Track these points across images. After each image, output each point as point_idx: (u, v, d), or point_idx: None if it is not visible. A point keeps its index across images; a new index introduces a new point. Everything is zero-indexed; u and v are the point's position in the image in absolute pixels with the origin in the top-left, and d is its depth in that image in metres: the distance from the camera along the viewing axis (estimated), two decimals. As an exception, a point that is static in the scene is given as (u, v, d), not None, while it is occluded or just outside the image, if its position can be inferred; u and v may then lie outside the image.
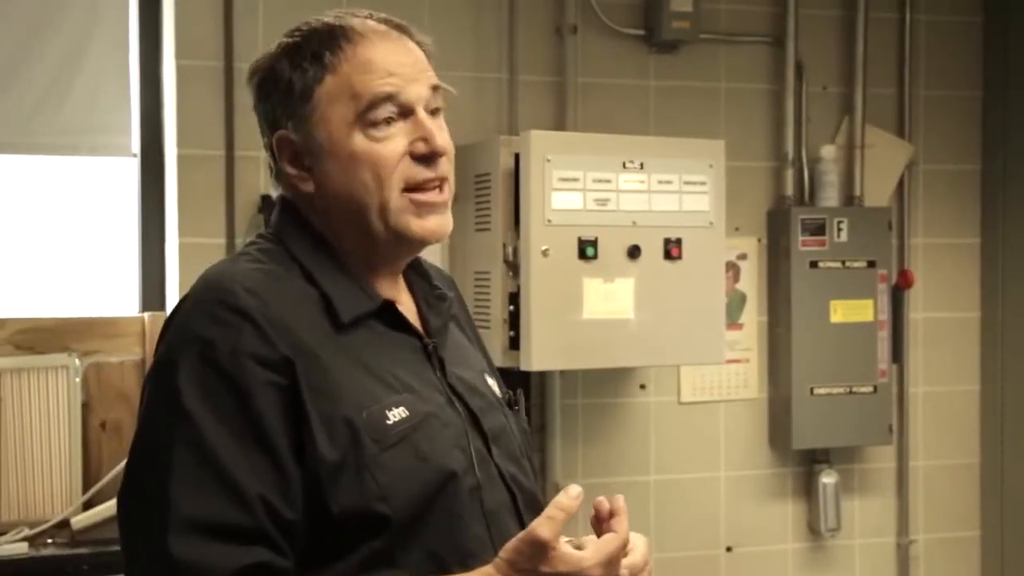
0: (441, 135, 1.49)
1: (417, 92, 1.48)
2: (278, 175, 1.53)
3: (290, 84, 1.48)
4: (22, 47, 3.38)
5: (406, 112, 1.48)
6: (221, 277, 1.43)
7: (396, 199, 1.47)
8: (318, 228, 1.51)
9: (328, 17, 1.51)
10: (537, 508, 1.54)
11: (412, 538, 1.39)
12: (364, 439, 1.38)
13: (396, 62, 1.48)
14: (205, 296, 1.41)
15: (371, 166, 1.46)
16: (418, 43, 1.53)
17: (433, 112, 1.51)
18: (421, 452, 1.41)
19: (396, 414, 1.41)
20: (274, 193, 1.58)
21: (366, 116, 1.46)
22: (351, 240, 1.50)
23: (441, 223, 1.50)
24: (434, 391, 1.49)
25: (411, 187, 1.47)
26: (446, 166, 1.50)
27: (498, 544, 1.42)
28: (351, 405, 1.39)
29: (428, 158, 1.48)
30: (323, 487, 1.35)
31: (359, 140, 1.46)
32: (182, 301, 1.44)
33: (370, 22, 1.51)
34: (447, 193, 1.51)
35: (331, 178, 1.48)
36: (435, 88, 1.51)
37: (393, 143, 1.46)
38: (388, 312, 1.50)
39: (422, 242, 1.52)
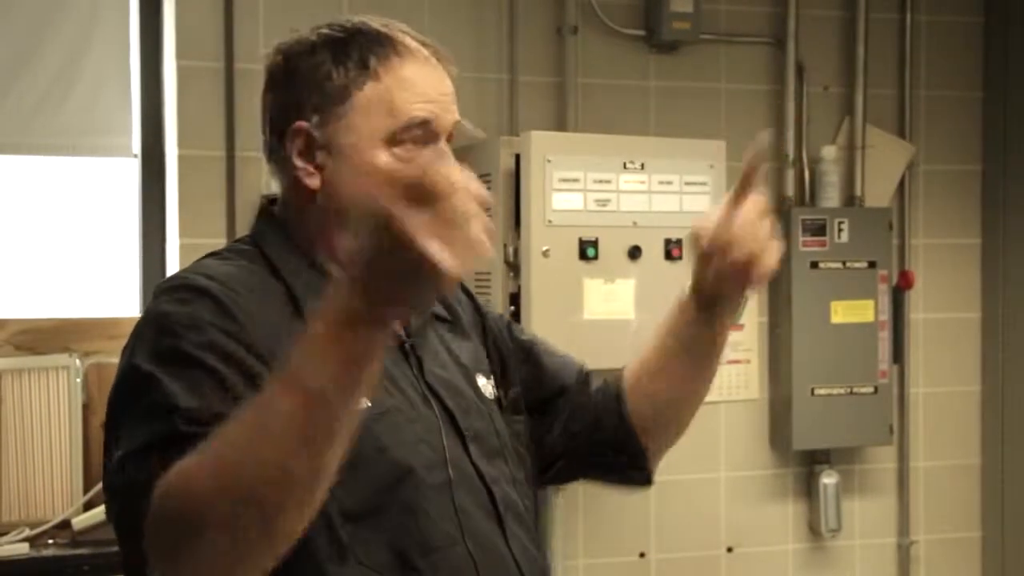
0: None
1: (447, 123, 1.50)
2: (279, 163, 1.52)
3: (328, 78, 1.47)
4: (23, 47, 3.38)
5: (433, 139, 1.48)
6: (184, 271, 1.47)
7: None
8: (301, 228, 1.52)
9: (374, 23, 1.51)
10: (519, 510, 1.55)
11: (371, 531, 1.39)
12: None
13: (435, 89, 1.49)
14: (166, 286, 1.44)
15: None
16: (448, 72, 1.54)
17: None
18: (380, 444, 1.41)
19: None
20: (274, 187, 1.57)
21: (398, 136, 1.46)
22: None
23: None
24: (408, 388, 1.49)
25: None
26: None
27: (469, 541, 1.43)
28: None
29: None
30: None
31: (383, 157, 1.46)
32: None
33: (413, 42, 1.51)
34: None
35: (342, 182, 1.47)
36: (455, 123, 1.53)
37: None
38: None
39: None
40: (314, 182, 1.49)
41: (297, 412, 1.13)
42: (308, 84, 1.48)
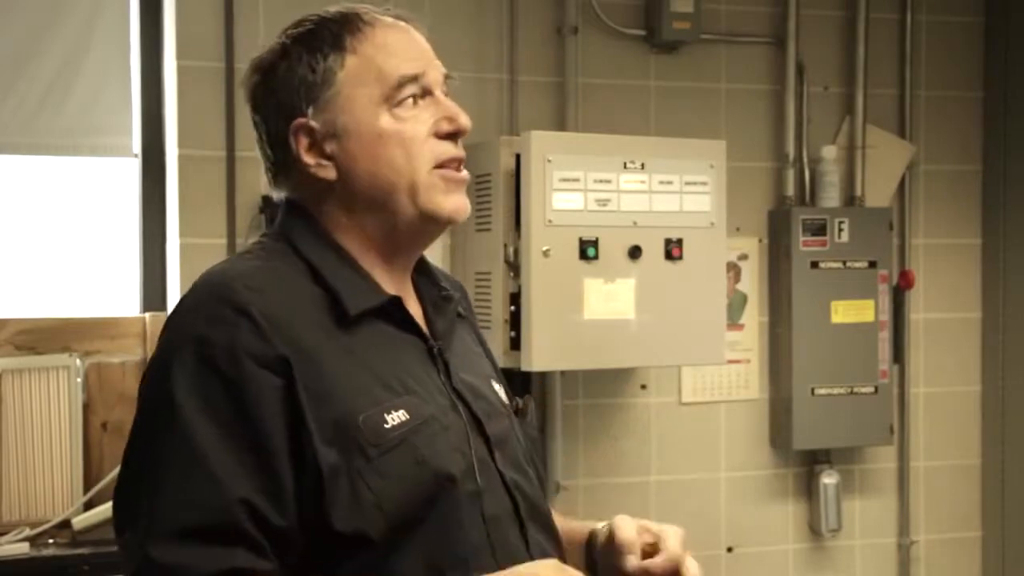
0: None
1: (435, 75, 1.51)
2: (287, 171, 1.51)
3: (310, 69, 1.47)
4: (24, 48, 3.38)
5: (427, 93, 1.50)
6: (221, 275, 1.42)
7: (425, 177, 1.48)
8: (328, 226, 1.50)
9: (333, 9, 1.52)
10: (540, 516, 1.54)
11: (408, 543, 1.37)
12: (360, 444, 1.36)
13: (414, 48, 1.51)
14: (203, 294, 1.40)
15: (400, 144, 1.47)
16: (420, 32, 1.55)
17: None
18: (419, 455, 1.39)
19: (395, 417, 1.39)
20: (274, 194, 1.56)
21: (393, 96, 1.47)
22: (373, 226, 1.49)
23: (465, 202, 1.52)
24: (437, 394, 1.47)
25: (440, 164, 1.49)
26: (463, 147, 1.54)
27: (498, 551, 1.42)
28: (348, 409, 1.37)
29: (453, 136, 1.50)
30: (323, 490, 1.34)
31: (386, 119, 1.47)
32: (181, 300, 1.43)
33: (376, 12, 1.53)
34: (465, 173, 1.53)
35: (357, 160, 1.47)
36: (445, 76, 1.54)
37: (419, 122, 1.48)
38: (395, 310, 1.49)
39: (448, 220, 1.52)
40: (329, 174, 1.48)
41: None
42: (292, 83, 1.48)
